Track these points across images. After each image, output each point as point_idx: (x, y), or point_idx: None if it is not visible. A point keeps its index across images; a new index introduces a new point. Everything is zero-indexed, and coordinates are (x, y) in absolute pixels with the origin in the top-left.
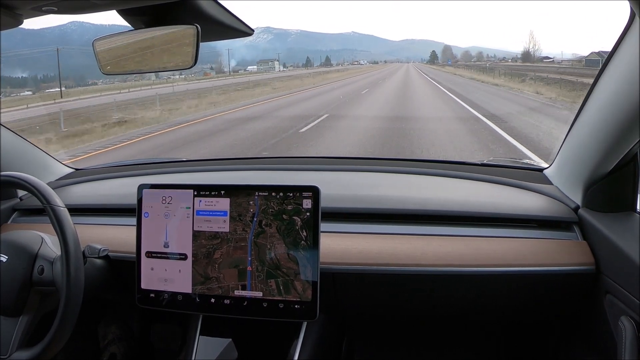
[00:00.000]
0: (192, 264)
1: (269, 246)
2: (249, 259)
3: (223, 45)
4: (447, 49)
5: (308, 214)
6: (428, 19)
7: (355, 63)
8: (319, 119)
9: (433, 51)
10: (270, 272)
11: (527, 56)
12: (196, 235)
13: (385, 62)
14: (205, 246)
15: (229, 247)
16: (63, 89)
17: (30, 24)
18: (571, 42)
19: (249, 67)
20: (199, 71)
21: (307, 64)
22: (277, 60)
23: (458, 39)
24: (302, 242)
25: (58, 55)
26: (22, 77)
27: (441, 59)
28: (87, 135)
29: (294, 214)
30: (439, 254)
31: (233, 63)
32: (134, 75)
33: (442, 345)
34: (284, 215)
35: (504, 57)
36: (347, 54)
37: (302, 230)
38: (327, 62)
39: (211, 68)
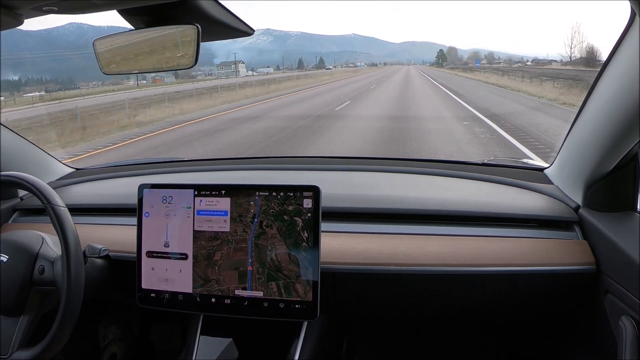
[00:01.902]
0: (192, 266)
1: (269, 247)
2: (250, 260)
3: (216, 46)
4: (452, 50)
5: (309, 214)
6: (429, 21)
7: (351, 65)
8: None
9: (440, 50)
10: (271, 275)
11: (590, 59)
12: (197, 235)
13: (385, 64)
14: (205, 247)
15: (229, 249)
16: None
17: (28, 25)
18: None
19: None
20: (150, 78)
21: (300, 66)
22: (243, 63)
23: (459, 41)
24: (304, 243)
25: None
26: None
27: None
28: None
29: (295, 214)
30: (439, 254)
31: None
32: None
33: (442, 345)
34: (284, 216)
35: (509, 59)
36: (347, 56)
37: (303, 231)
38: (321, 65)
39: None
